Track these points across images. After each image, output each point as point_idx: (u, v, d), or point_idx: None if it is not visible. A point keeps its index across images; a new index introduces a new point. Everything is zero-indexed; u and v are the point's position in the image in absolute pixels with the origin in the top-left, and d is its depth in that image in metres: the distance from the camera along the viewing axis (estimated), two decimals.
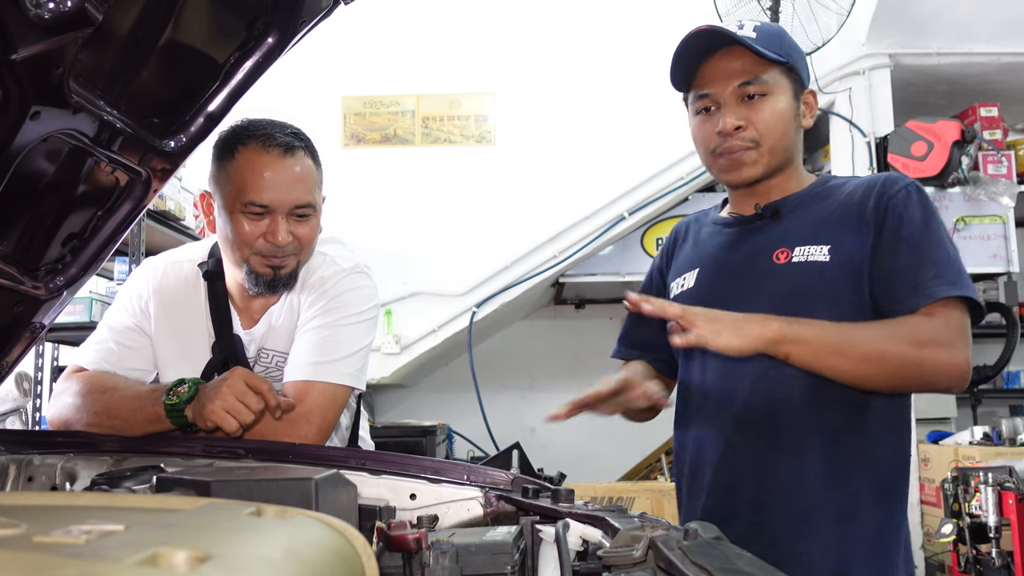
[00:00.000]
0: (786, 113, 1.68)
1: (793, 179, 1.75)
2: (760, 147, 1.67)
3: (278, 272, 1.81)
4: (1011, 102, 5.50)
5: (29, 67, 1.08)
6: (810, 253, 1.63)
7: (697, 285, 1.77)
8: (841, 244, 1.61)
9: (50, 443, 1.67)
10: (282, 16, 1.39)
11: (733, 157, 1.69)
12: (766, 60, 1.64)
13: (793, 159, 1.74)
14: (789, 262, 1.64)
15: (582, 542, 1.15)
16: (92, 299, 3.63)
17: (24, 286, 1.49)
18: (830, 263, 1.60)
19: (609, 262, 5.61)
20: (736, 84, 1.66)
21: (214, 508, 0.79)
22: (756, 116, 1.66)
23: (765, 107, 1.66)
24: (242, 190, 1.75)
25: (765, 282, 1.65)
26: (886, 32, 4.94)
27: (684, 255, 1.88)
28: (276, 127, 1.81)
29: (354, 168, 5.19)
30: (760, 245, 1.70)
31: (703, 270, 1.77)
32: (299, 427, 1.73)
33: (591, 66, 5.23)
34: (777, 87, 1.67)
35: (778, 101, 1.67)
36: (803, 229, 1.66)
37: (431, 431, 4.98)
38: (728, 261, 1.75)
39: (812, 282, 1.61)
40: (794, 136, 1.72)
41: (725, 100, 1.67)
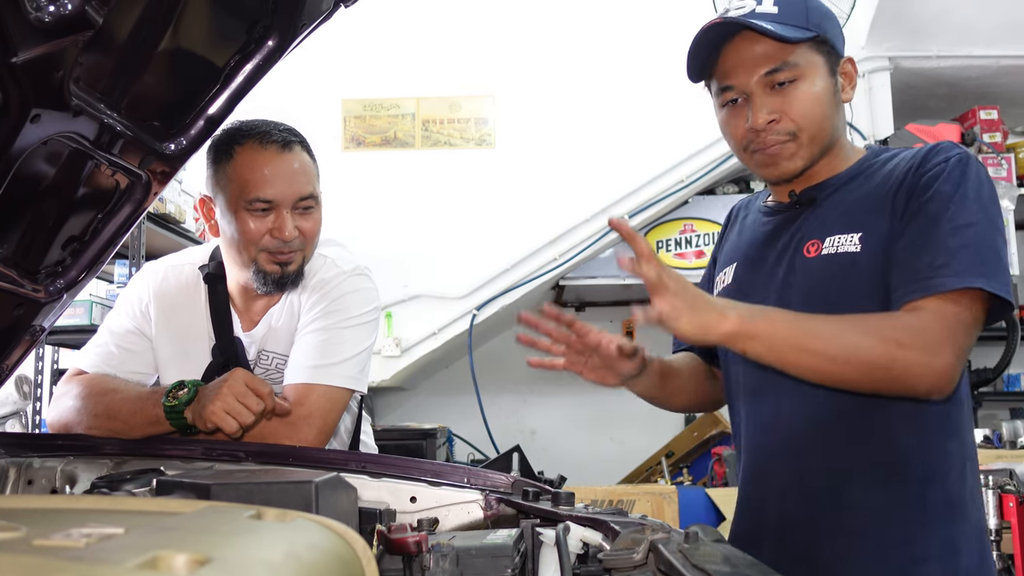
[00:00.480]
0: (824, 95, 1.50)
1: (837, 159, 1.56)
2: (799, 138, 1.50)
3: (285, 269, 1.81)
4: (1011, 105, 5.50)
5: (29, 70, 1.08)
6: (840, 244, 1.47)
7: (735, 281, 1.65)
8: (874, 230, 1.44)
9: (50, 446, 1.67)
10: (282, 19, 1.39)
11: (769, 152, 1.52)
12: (795, 42, 1.46)
13: (837, 140, 1.56)
14: (819, 255, 1.49)
15: (582, 545, 1.15)
16: (92, 302, 3.63)
17: (24, 289, 1.49)
18: (861, 252, 1.44)
19: (610, 265, 5.61)
20: (762, 73, 1.48)
21: (214, 511, 0.79)
22: (790, 106, 1.49)
23: (799, 94, 1.49)
24: (245, 188, 1.76)
25: (796, 278, 1.52)
26: (886, 35, 4.95)
27: (728, 245, 1.75)
28: (270, 125, 1.83)
29: (354, 171, 5.20)
30: (793, 237, 1.56)
31: (740, 264, 1.65)
32: (299, 430, 1.72)
33: (591, 68, 5.23)
34: (809, 68, 1.49)
35: (812, 84, 1.49)
36: (837, 216, 1.50)
37: (431, 434, 4.98)
38: (762, 255, 1.61)
39: (843, 275, 1.45)
40: (835, 117, 1.53)
41: (753, 91, 1.50)
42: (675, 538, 1.04)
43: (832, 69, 1.52)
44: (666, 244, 5.60)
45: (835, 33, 1.53)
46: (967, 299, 1.33)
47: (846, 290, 1.44)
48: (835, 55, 1.53)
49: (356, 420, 2.06)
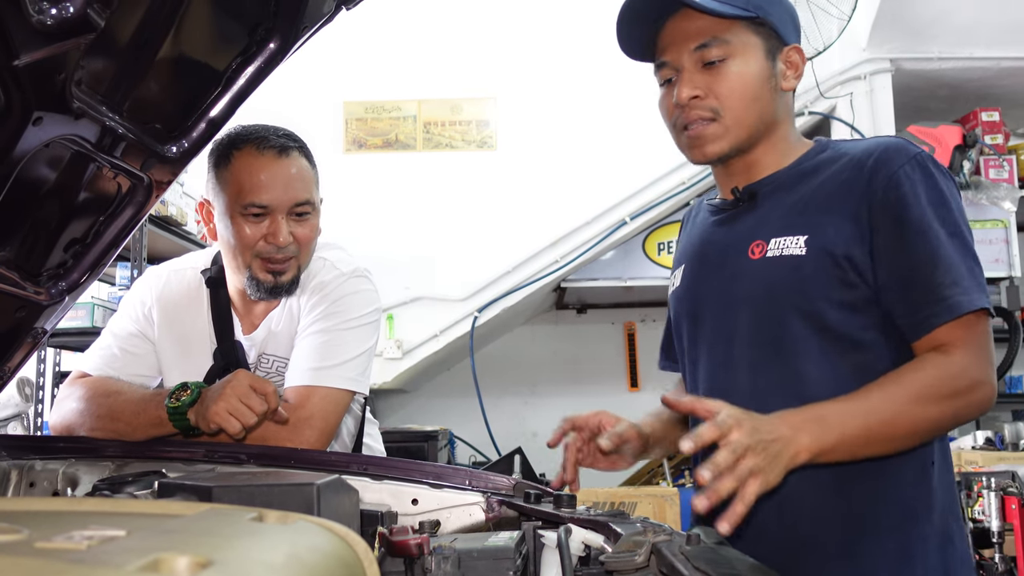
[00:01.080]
0: (754, 77, 1.45)
1: (778, 152, 1.51)
2: (722, 119, 1.45)
3: (279, 279, 1.81)
4: (1012, 106, 5.50)
5: (31, 73, 1.08)
6: (785, 246, 1.42)
7: (682, 285, 1.62)
8: (821, 233, 1.39)
9: (52, 448, 1.67)
10: (284, 22, 1.39)
11: (694, 132, 1.48)
12: (726, 17, 1.42)
13: (773, 129, 1.50)
14: (763, 257, 1.44)
15: (584, 547, 1.15)
16: (94, 304, 3.63)
17: (26, 291, 1.49)
18: (806, 257, 1.39)
19: (611, 267, 5.61)
20: (692, 47, 1.45)
21: (216, 513, 0.79)
22: (716, 83, 1.44)
23: (727, 72, 1.44)
24: (240, 193, 1.77)
25: (740, 281, 1.47)
26: (887, 37, 4.95)
27: (680, 246, 1.72)
28: (269, 131, 1.83)
29: (356, 174, 5.20)
30: (736, 237, 1.51)
31: (688, 266, 1.62)
32: (300, 432, 1.72)
33: (592, 70, 5.22)
34: (743, 47, 1.44)
35: (745, 64, 1.44)
36: (780, 216, 1.46)
37: (433, 436, 4.97)
38: (708, 256, 1.57)
39: (788, 278, 1.41)
40: (770, 102, 1.47)
41: (683, 66, 1.46)
42: (677, 540, 1.04)
43: (772, 52, 1.47)
44: (668, 246, 5.59)
45: (781, 17, 1.47)
46: (981, 317, 1.33)
47: (788, 296, 1.41)
48: (777, 40, 1.47)
49: (359, 422, 2.05)
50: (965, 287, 1.31)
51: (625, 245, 5.51)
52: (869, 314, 1.38)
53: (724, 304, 1.49)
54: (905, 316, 1.35)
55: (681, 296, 1.62)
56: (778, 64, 1.48)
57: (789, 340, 1.41)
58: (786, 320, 1.41)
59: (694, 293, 1.58)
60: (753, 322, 1.45)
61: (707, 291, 1.54)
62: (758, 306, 1.44)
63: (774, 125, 1.50)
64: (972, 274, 1.34)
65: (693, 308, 1.58)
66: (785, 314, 1.41)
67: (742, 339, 1.47)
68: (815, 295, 1.39)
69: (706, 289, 1.55)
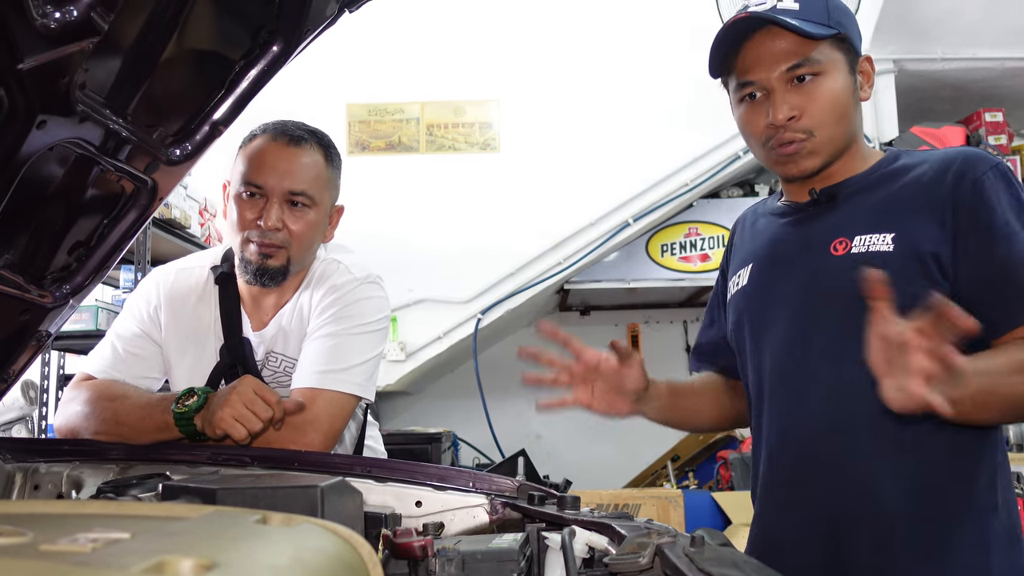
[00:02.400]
0: (843, 93, 1.49)
1: (855, 159, 1.55)
2: (817, 136, 1.49)
3: (265, 261, 1.83)
4: (1016, 107, 5.49)
5: (36, 76, 1.08)
6: (872, 242, 1.44)
7: (751, 282, 1.62)
8: (908, 231, 1.42)
9: (56, 451, 1.67)
10: (287, 25, 1.39)
11: (788, 150, 1.50)
12: (817, 38, 1.46)
13: (855, 139, 1.55)
14: (848, 253, 1.46)
15: (588, 549, 1.15)
16: (98, 307, 3.63)
17: (30, 294, 1.50)
18: (894, 253, 1.41)
19: (614, 269, 5.60)
20: (784, 68, 1.48)
21: (220, 516, 0.79)
22: (811, 103, 1.48)
23: (820, 91, 1.48)
24: (244, 172, 1.83)
25: (823, 277, 1.48)
26: (890, 38, 4.94)
27: (740, 250, 1.72)
28: (296, 125, 1.89)
29: (359, 176, 5.18)
30: (816, 235, 1.53)
31: (756, 265, 1.62)
32: (305, 434, 1.73)
33: (595, 73, 5.23)
34: (830, 65, 1.48)
35: (834, 81, 1.48)
36: (864, 215, 1.48)
37: (436, 438, 4.97)
38: (782, 254, 1.58)
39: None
40: (854, 116, 1.52)
41: (773, 87, 1.49)
42: (681, 542, 1.04)
43: (852, 67, 1.51)
44: (671, 248, 5.59)
45: (854, 31, 1.52)
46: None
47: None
48: (854, 53, 1.52)
49: (361, 426, 2.06)
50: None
51: (628, 247, 5.51)
52: None
53: (805, 300, 1.50)
54: (991, 314, 1.33)
55: (750, 294, 1.61)
56: (857, 77, 1.53)
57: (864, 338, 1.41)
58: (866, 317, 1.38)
59: (766, 290, 1.58)
60: (840, 317, 1.45)
61: (783, 287, 1.55)
62: (846, 300, 1.42)
63: (855, 136, 1.55)
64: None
65: (763, 306, 1.58)
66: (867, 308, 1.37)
67: (827, 334, 1.47)
68: (903, 291, 1.36)
69: (782, 285, 1.55)
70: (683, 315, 6.57)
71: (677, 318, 6.60)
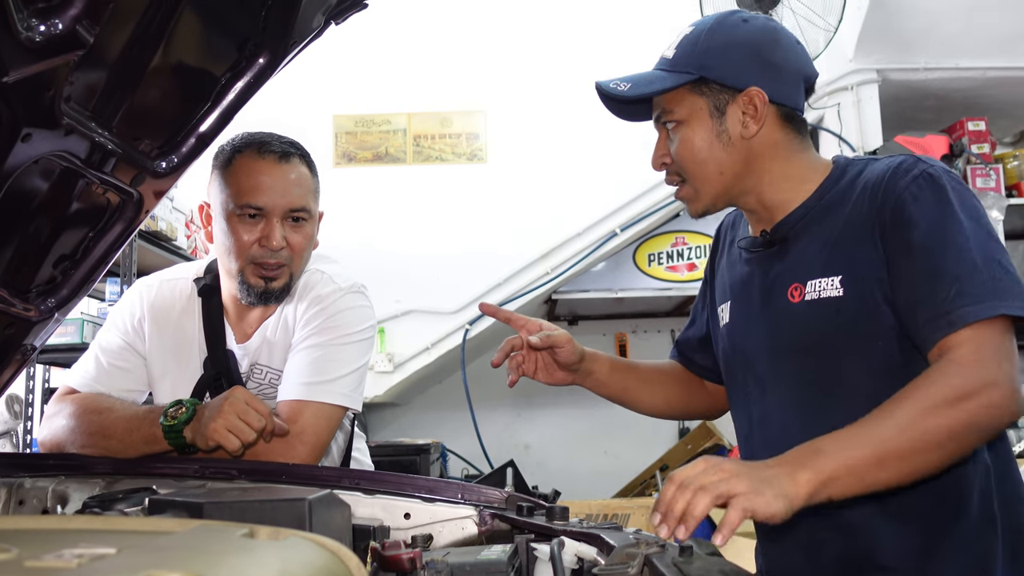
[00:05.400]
0: (701, 140, 1.49)
1: (790, 185, 1.50)
2: (688, 183, 1.53)
3: (269, 284, 1.82)
4: (998, 116, 5.54)
5: (20, 89, 1.08)
6: (822, 288, 1.42)
7: (731, 323, 1.63)
8: (854, 269, 1.39)
9: (41, 466, 1.66)
10: (273, 37, 1.39)
11: (676, 194, 1.58)
12: (664, 92, 1.49)
13: (759, 172, 1.50)
14: (803, 300, 1.44)
15: (577, 560, 1.15)
16: (83, 320, 3.61)
17: (15, 308, 1.49)
18: (845, 297, 1.39)
19: (602, 278, 5.62)
20: (653, 117, 1.55)
21: (207, 530, 0.79)
22: (674, 150, 1.51)
23: (680, 139, 1.50)
24: (238, 194, 1.79)
25: (786, 327, 1.47)
26: (873, 48, 4.98)
27: (722, 275, 1.71)
28: (273, 137, 1.86)
29: (346, 187, 5.20)
30: (774, 279, 1.52)
31: (733, 305, 1.63)
32: (292, 447, 1.72)
33: (581, 83, 5.23)
34: (689, 112, 1.49)
35: (690, 130, 1.49)
36: (814, 257, 1.45)
37: (425, 449, 4.96)
38: (749, 297, 1.58)
39: (831, 325, 1.40)
40: (727, 157, 1.49)
41: (658, 132, 1.57)
42: (670, 552, 1.04)
43: (719, 108, 1.47)
44: (658, 257, 5.61)
45: (731, 66, 1.46)
46: (994, 325, 1.26)
47: (836, 342, 1.41)
48: (726, 92, 1.47)
49: (348, 437, 2.05)
50: (974, 295, 1.26)
51: (616, 257, 5.52)
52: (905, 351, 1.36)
53: (772, 350, 1.51)
54: (916, 338, 1.32)
55: (733, 334, 1.63)
56: (731, 116, 1.47)
57: (839, 381, 1.42)
58: (835, 362, 1.42)
59: (743, 335, 1.59)
60: (803, 367, 1.46)
61: (755, 335, 1.55)
62: (806, 350, 1.45)
63: (756, 170, 1.50)
64: (987, 280, 1.27)
65: (744, 353, 1.59)
66: (833, 356, 1.41)
67: (793, 384, 1.49)
68: (859, 333, 1.39)
69: (755, 333, 1.56)
70: (671, 324, 6.59)
71: (665, 327, 6.62)
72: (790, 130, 1.51)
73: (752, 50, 1.47)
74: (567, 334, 1.70)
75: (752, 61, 1.47)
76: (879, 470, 1.17)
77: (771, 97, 1.47)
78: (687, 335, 1.86)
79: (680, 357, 1.87)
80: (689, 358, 1.85)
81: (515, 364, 1.71)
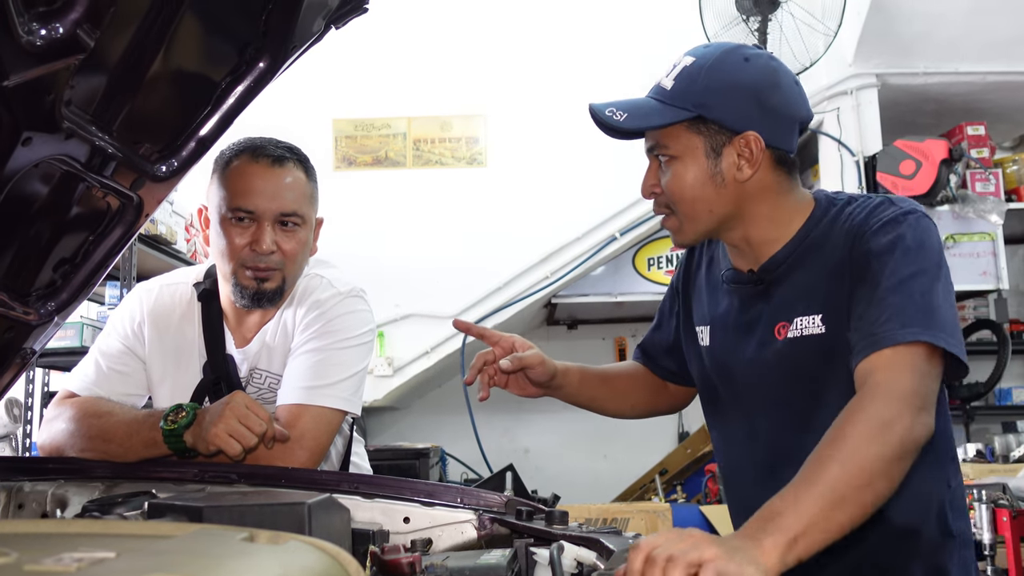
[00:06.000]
0: (693, 179, 1.47)
1: (774, 225, 1.52)
2: (676, 215, 1.52)
3: (262, 285, 1.82)
4: (997, 120, 5.55)
5: (21, 93, 1.08)
6: (805, 326, 1.46)
7: (712, 347, 1.64)
8: (834, 307, 1.43)
9: (40, 470, 1.66)
10: (273, 41, 1.40)
11: (662, 224, 1.58)
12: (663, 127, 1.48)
13: (745, 213, 1.51)
14: (788, 338, 1.48)
15: (577, 564, 1.15)
16: (83, 324, 3.61)
17: (15, 312, 1.49)
18: (827, 333, 1.43)
19: (601, 282, 5.62)
20: (648, 147, 1.53)
21: (206, 534, 0.79)
22: (665, 182, 1.50)
23: (671, 174, 1.49)
24: (230, 198, 1.79)
25: (771, 359, 1.51)
26: (873, 52, 4.99)
27: (699, 295, 1.71)
28: (271, 142, 1.86)
29: (345, 191, 5.20)
30: (760, 315, 1.54)
31: (714, 331, 1.64)
32: (292, 451, 1.72)
33: (582, 88, 5.24)
34: (684, 150, 1.47)
35: (684, 167, 1.47)
36: (799, 295, 1.48)
37: (424, 454, 4.96)
38: (735, 328, 1.59)
39: (814, 358, 1.45)
40: (718, 198, 1.48)
41: (649, 160, 1.55)
42: None
43: (715, 149, 1.46)
44: (657, 262, 5.61)
45: (731, 108, 1.44)
46: (915, 352, 1.29)
47: (823, 379, 1.44)
48: (725, 133, 1.46)
49: (347, 442, 2.05)
50: (903, 321, 1.30)
51: (615, 261, 5.52)
52: None
53: (757, 376, 1.54)
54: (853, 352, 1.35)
55: (714, 358, 1.64)
56: (726, 158, 1.46)
57: (820, 404, 1.45)
58: (816, 387, 1.46)
59: (724, 361, 1.61)
60: (785, 392, 1.51)
61: (736, 364, 1.58)
62: (788, 380, 1.49)
63: (745, 210, 1.51)
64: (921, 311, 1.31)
65: (726, 378, 1.62)
66: (814, 383, 1.46)
67: (775, 406, 1.53)
68: (839, 363, 1.41)
69: (736, 361, 1.58)
70: None
71: None
72: (781, 172, 1.51)
73: (753, 93, 1.46)
74: (540, 354, 1.70)
75: (752, 105, 1.45)
76: (838, 513, 1.15)
77: (767, 142, 1.46)
78: (653, 339, 1.88)
79: (644, 358, 1.89)
80: (655, 361, 1.88)
81: (486, 380, 1.69)
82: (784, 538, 1.09)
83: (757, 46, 1.59)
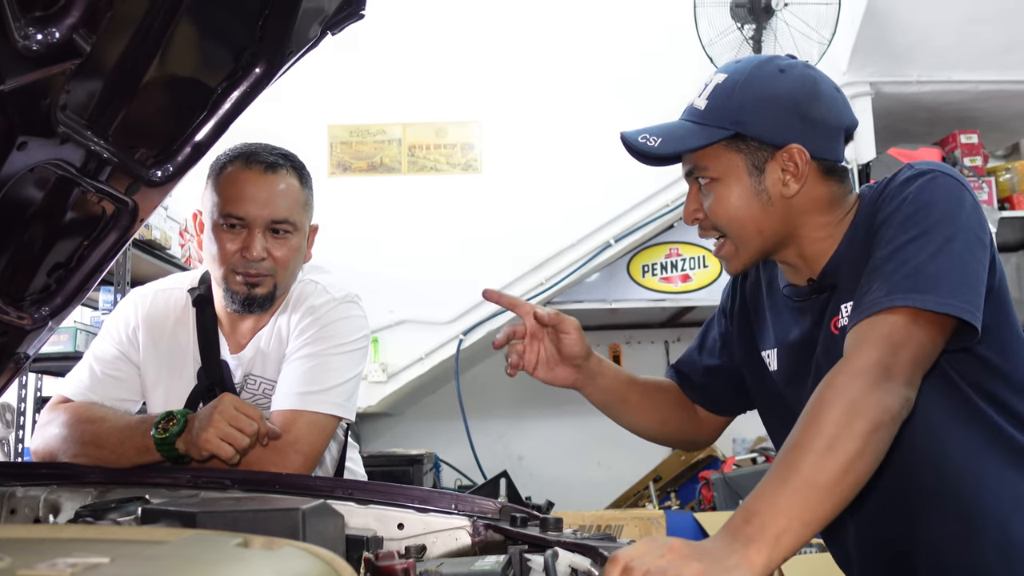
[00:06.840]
0: (738, 199, 1.42)
1: (826, 234, 1.46)
2: (729, 238, 1.46)
3: (252, 291, 1.82)
4: (990, 129, 5.57)
5: (16, 98, 1.08)
6: (846, 312, 1.39)
7: (782, 371, 1.57)
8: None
9: (33, 475, 1.65)
10: (269, 47, 1.39)
11: (715, 251, 1.50)
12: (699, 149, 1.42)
13: (798, 228, 1.45)
14: (840, 329, 1.41)
15: (571, 571, 1.15)
16: (77, 329, 3.60)
17: (9, 316, 1.48)
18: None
19: (596, 289, 5.63)
20: (684, 172, 1.47)
21: (200, 539, 0.78)
22: (709, 206, 1.45)
23: (715, 196, 1.43)
24: (222, 204, 1.80)
25: (827, 357, 1.42)
26: (867, 61, 5.01)
27: (762, 317, 1.64)
28: (265, 148, 1.86)
29: (340, 197, 5.20)
30: (824, 316, 1.47)
31: (781, 351, 1.56)
32: (286, 457, 1.71)
33: (577, 94, 5.26)
34: (725, 170, 1.42)
35: (726, 188, 1.42)
36: (845, 286, 1.42)
37: (418, 460, 4.95)
38: (800, 341, 1.51)
39: None
40: (767, 216, 1.43)
41: (689, 184, 1.48)
42: None
43: (757, 166, 1.41)
44: (652, 269, 5.62)
45: (769, 123, 1.39)
46: (891, 319, 1.23)
47: None
48: (766, 149, 1.41)
49: (342, 447, 2.05)
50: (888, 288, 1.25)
51: (610, 268, 5.53)
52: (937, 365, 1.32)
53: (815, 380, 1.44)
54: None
55: (782, 377, 1.57)
56: (770, 174, 1.41)
57: None
58: None
59: (792, 376, 1.54)
60: None
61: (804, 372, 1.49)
62: None
63: (797, 226, 1.45)
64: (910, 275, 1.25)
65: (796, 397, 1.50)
66: None
67: None
68: None
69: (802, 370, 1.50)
70: (664, 335, 6.60)
71: (659, 338, 6.63)
72: (832, 182, 1.46)
73: (791, 105, 1.40)
74: (577, 322, 1.62)
75: (792, 117, 1.40)
76: (818, 506, 1.11)
77: (812, 153, 1.41)
78: (693, 359, 1.79)
79: (679, 378, 1.79)
80: (688, 380, 1.78)
81: (516, 351, 1.61)
82: (766, 542, 1.07)
83: (790, 56, 1.53)
